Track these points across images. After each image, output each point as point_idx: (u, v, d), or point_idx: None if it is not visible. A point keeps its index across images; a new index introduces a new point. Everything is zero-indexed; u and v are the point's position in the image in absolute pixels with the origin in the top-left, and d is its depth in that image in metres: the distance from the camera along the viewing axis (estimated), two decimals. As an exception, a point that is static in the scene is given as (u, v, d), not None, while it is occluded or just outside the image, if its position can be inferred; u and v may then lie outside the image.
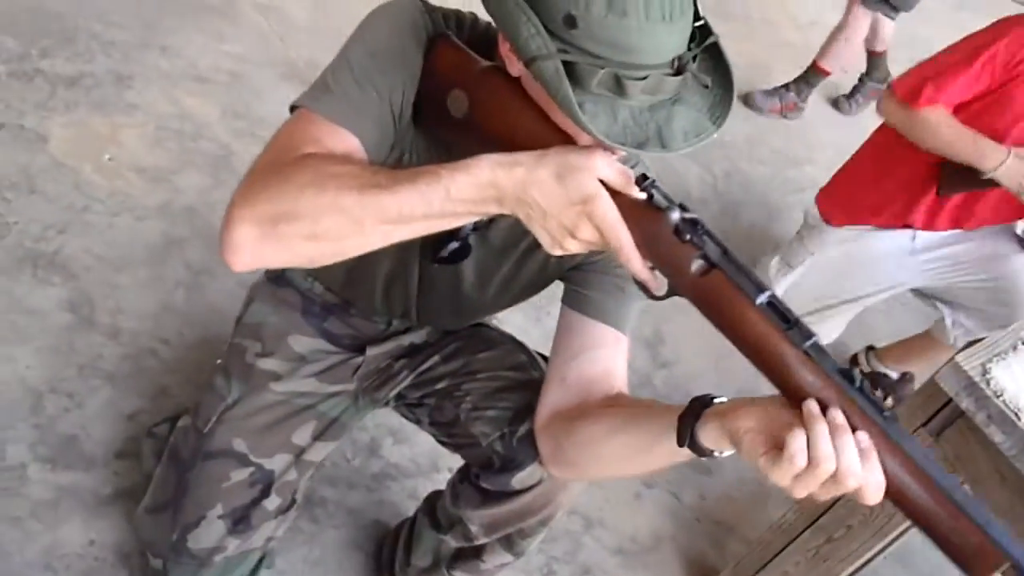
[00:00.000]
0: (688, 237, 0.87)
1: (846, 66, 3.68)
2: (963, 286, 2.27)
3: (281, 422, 1.34)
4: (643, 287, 0.93)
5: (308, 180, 0.89)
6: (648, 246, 0.89)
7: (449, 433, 1.35)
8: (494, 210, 0.90)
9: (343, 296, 1.36)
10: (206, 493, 1.32)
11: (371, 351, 1.38)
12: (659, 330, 2.45)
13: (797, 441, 0.77)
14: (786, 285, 2.35)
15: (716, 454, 0.89)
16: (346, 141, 0.98)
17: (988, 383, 1.22)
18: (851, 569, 1.59)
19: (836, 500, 1.55)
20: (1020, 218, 2.17)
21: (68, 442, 1.61)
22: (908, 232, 2.22)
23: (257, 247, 0.91)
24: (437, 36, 1.02)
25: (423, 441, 1.87)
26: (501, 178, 0.87)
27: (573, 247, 0.89)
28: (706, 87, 0.91)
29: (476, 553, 1.38)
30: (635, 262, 0.88)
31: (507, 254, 1.21)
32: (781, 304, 0.85)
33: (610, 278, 1.15)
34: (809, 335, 0.82)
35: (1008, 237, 2.24)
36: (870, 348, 2.62)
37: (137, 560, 1.49)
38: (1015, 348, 1.32)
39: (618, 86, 0.85)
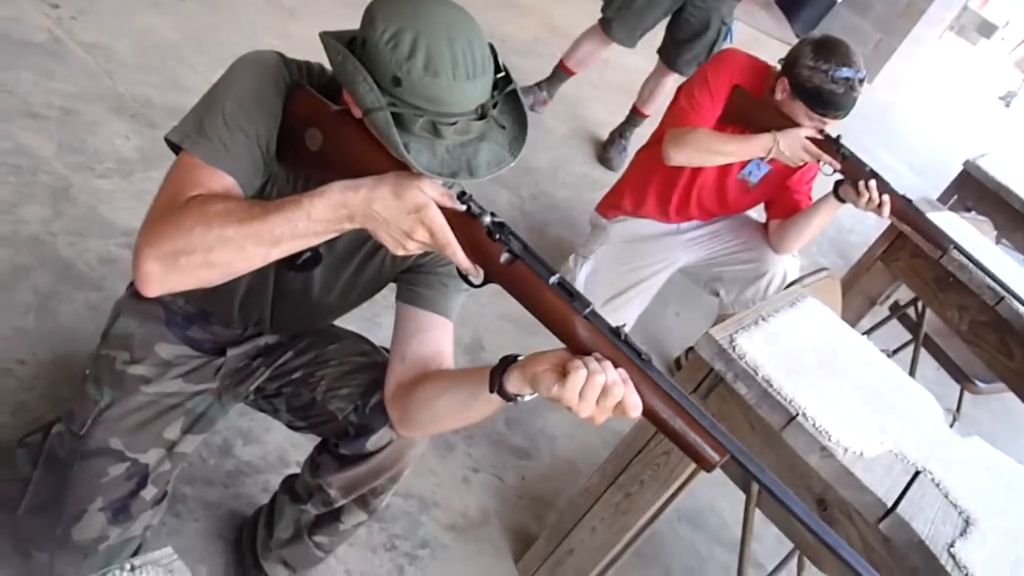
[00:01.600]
0: (497, 236, 1.15)
1: (589, 64, 4.21)
2: (721, 252, 2.82)
3: (153, 420, 1.51)
4: (465, 278, 1.20)
5: (196, 220, 1.13)
6: (468, 245, 1.16)
7: (306, 416, 1.57)
8: (347, 226, 1.15)
9: (204, 308, 1.56)
10: (86, 489, 1.46)
11: (231, 353, 1.57)
12: (479, 337, 2.74)
13: (577, 362, 1.06)
14: (584, 274, 2.82)
15: (519, 398, 1.16)
16: (223, 180, 1.21)
17: (734, 349, 1.57)
18: (646, 518, 1.91)
19: (631, 460, 1.87)
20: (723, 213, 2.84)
21: (-67, 457, 1.70)
22: None
23: (163, 278, 1.15)
24: (294, 84, 1.26)
25: (271, 440, 2.07)
26: (350, 198, 1.13)
27: (412, 247, 1.15)
28: (503, 127, 1.19)
29: (335, 516, 1.59)
30: (460, 256, 1.15)
31: (350, 259, 1.46)
32: (567, 283, 1.14)
33: (435, 276, 1.43)
34: (587, 304, 1.12)
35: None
36: (689, 349, 3.10)
37: (16, 560, 1.60)
38: (756, 323, 1.68)
39: (435, 130, 1.13)
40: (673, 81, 3.86)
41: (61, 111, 2.59)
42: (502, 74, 1.21)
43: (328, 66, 1.30)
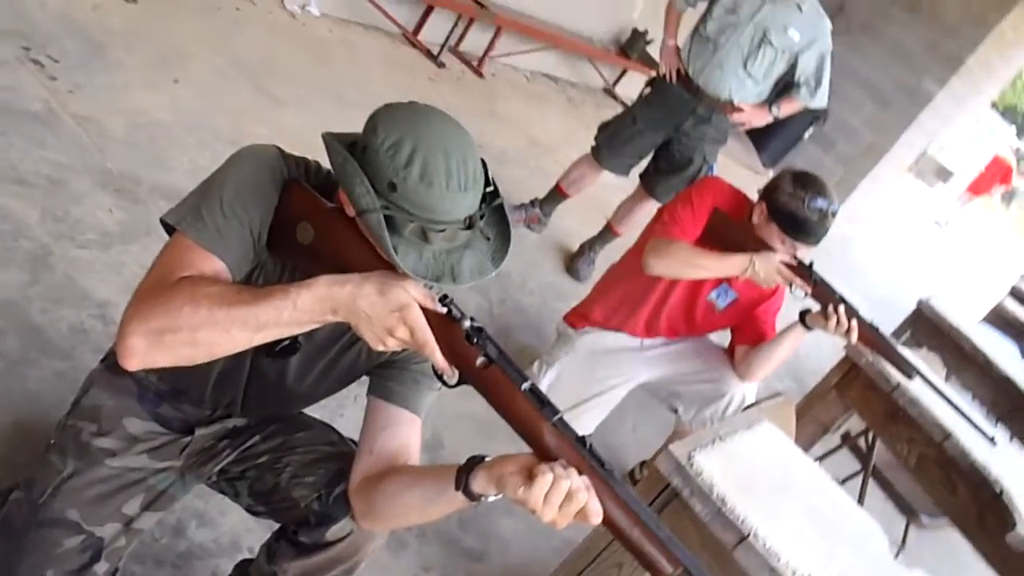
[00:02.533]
0: (475, 340, 1.20)
1: (583, 188, 4.34)
2: (683, 372, 2.88)
3: (113, 494, 1.52)
4: (440, 377, 1.24)
5: (185, 300, 1.18)
6: (445, 346, 1.21)
7: (268, 501, 1.58)
8: (330, 318, 1.21)
9: (176, 386, 1.58)
10: (40, 558, 1.46)
11: (199, 432, 1.59)
12: (439, 435, 2.76)
13: (544, 467, 1.11)
14: (547, 381, 2.87)
15: (483, 498, 1.20)
16: (214, 264, 1.26)
17: (691, 466, 1.61)
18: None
19: (583, 569, 1.89)
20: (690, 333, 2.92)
21: None
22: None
23: (147, 354, 1.19)
24: (291, 180, 1.33)
25: (226, 524, 2.06)
26: (336, 292, 1.19)
27: (392, 344, 1.20)
28: (488, 239, 1.26)
29: (284, 606, 1.59)
30: (437, 356, 1.20)
31: (327, 350, 1.50)
32: (538, 390, 1.20)
33: (408, 373, 1.48)
34: (556, 412, 1.17)
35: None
36: (643, 463, 3.15)
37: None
38: (713, 442, 1.74)
39: (424, 235, 1.19)
40: (650, 206, 4.02)
41: (48, 180, 2.64)
42: (491, 188, 1.28)
43: (324, 164, 1.38)
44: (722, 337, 3.03)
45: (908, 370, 2.60)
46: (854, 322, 2.50)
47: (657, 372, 2.91)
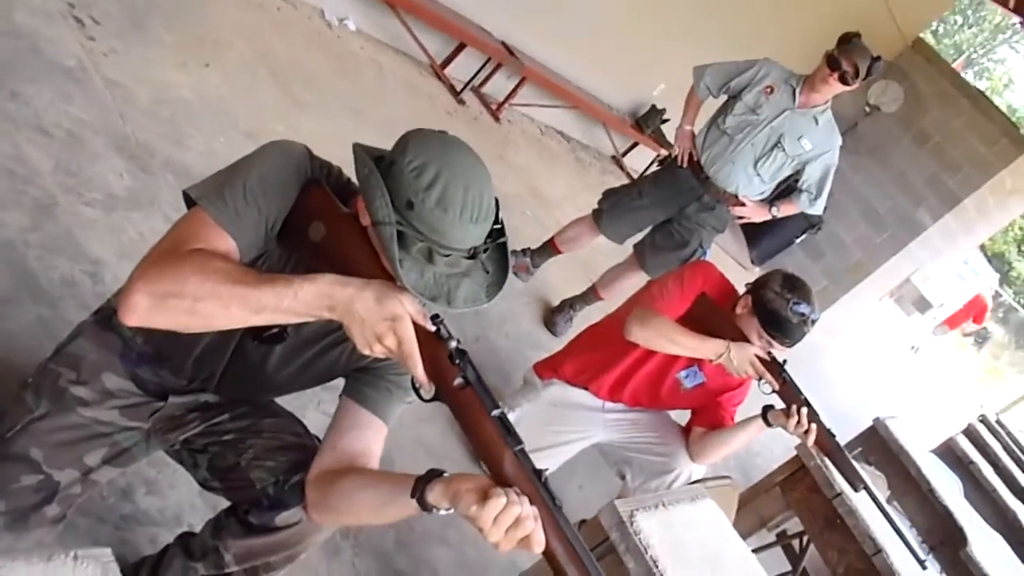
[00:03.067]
0: (457, 361, 1.27)
1: (576, 248, 4.42)
2: (637, 441, 2.96)
3: (78, 442, 1.56)
4: (416, 390, 1.31)
5: (195, 270, 1.24)
6: (428, 362, 1.28)
7: (224, 477, 1.63)
8: (326, 315, 1.28)
9: (160, 351, 1.63)
10: None
11: (172, 400, 1.63)
12: (390, 455, 2.81)
13: (499, 490, 1.17)
14: None
15: (436, 510, 1.26)
16: (227, 243, 1.33)
17: (632, 523, 1.68)
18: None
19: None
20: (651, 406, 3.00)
21: None
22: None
23: (147, 313, 1.25)
24: (313, 180, 1.40)
25: (172, 497, 2.10)
26: (337, 292, 1.26)
27: (378, 350, 1.27)
28: (487, 272, 1.34)
29: (220, 582, 1.64)
30: (419, 368, 1.27)
31: (311, 346, 1.56)
32: (506, 419, 1.27)
33: (384, 381, 1.54)
34: (519, 442, 1.23)
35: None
36: (582, 521, 3.25)
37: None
38: (656, 507, 1.81)
39: (430, 256, 1.27)
40: (637, 278, 4.12)
41: (68, 134, 2.70)
42: (499, 226, 1.37)
43: (346, 172, 1.46)
44: (679, 415, 3.11)
45: (856, 481, 2.68)
46: (814, 425, 2.58)
47: (613, 435, 2.98)
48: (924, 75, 8.46)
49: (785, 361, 2.65)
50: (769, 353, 2.65)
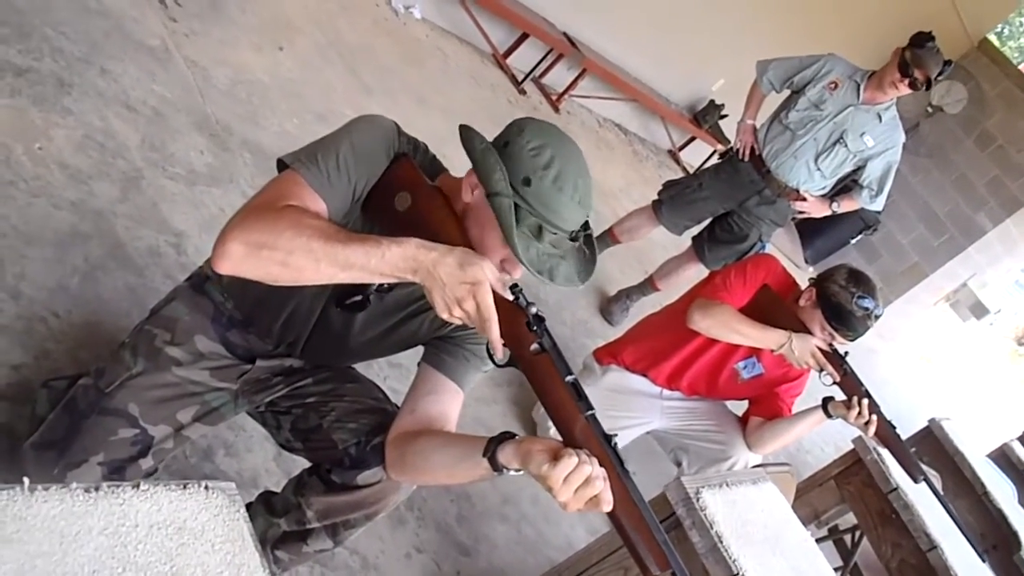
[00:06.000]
0: (534, 328, 1.32)
1: (635, 238, 4.45)
2: (694, 428, 2.99)
3: (172, 400, 1.64)
4: (491, 356, 1.36)
5: (290, 224, 1.30)
6: (505, 328, 1.32)
7: (307, 438, 1.70)
8: (409, 277, 1.32)
9: (250, 316, 1.71)
10: (93, 441, 1.58)
11: (259, 363, 1.71)
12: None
13: (570, 450, 1.21)
14: None
15: (506, 470, 1.31)
16: (318, 204, 1.40)
17: (698, 499, 1.72)
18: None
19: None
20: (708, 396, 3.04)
21: (-44, 375, 1.82)
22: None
23: (240, 261, 1.30)
24: (401, 153, 1.47)
25: (249, 460, 2.19)
26: (422, 255, 1.31)
27: (457, 314, 1.32)
28: (584, 255, 1.40)
29: (302, 536, 1.71)
30: (495, 333, 1.32)
31: (394, 314, 1.63)
32: (579, 385, 1.31)
33: (462, 349, 1.61)
34: (591, 408, 1.28)
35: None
36: None
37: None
38: (720, 486, 1.85)
39: (539, 232, 1.34)
40: (695, 270, 4.15)
41: (153, 111, 2.80)
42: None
43: (430, 149, 1.53)
44: (736, 406, 3.14)
45: (916, 473, 2.68)
46: (874, 416, 2.60)
47: (671, 422, 3.02)
48: (989, 76, 8.34)
49: (847, 353, 2.67)
50: (830, 345, 2.67)
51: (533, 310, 1.34)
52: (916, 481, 2.71)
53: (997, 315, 13.34)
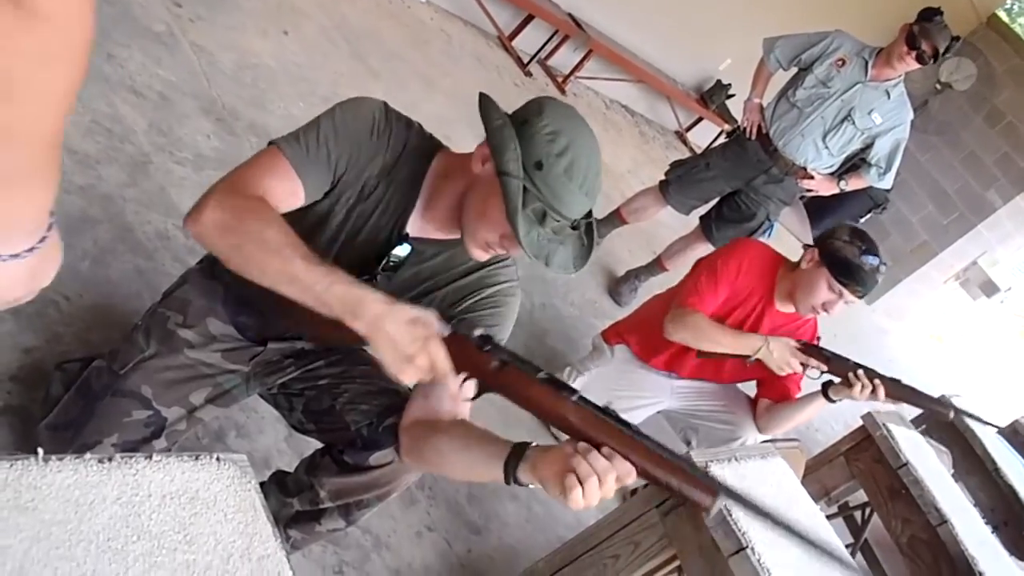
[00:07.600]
0: (487, 348, 1.29)
1: (642, 219, 4.43)
2: (704, 408, 3.00)
3: (185, 381, 1.65)
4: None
5: (257, 218, 1.33)
6: (461, 360, 1.28)
7: (319, 420, 1.72)
8: (348, 320, 1.26)
9: (258, 299, 1.72)
10: (108, 423, 1.60)
11: (271, 345, 1.72)
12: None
13: (572, 479, 1.18)
14: (577, 387, 2.99)
15: (529, 485, 1.29)
16: (294, 181, 1.43)
17: (707, 472, 1.73)
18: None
19: (581, 555, 2.00)
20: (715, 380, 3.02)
21: (-32, 360, 1.84)
22: None
23: (211, 231, 1.33)
24: (436, 146, 1.56)
25: (261, 441, 2.20)
26: (368, 303, 1.25)
27: (410, 372, 1.27)
28: (583, 243, 1.42)
29: (315, 516, 1.72)
30: (455, 381, 1.29)
31: (402, 296, 1.62)
32: (554, 377, 1.27)
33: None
34: (574, 391, 1.25)
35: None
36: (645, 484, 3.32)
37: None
38: (729, 460, 1.85)
39: (542, 217, 1.35)
40: (703, 248, 4.14)
41: (159, 96, 2.81)
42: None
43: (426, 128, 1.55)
44: (746, 387, 3.14)
45: (945, 409, 2.69)
46: (876, 381, 2.60)
47: (681, 402, 3.02)
48: (998, 53, 8.27)
49: (819, 338, 2.68)
50: (801, 341, 2.69)
51: (475, 334, 1.29)
52: (946, 417, 2.72)
53: (1008, 293, 13.25)
